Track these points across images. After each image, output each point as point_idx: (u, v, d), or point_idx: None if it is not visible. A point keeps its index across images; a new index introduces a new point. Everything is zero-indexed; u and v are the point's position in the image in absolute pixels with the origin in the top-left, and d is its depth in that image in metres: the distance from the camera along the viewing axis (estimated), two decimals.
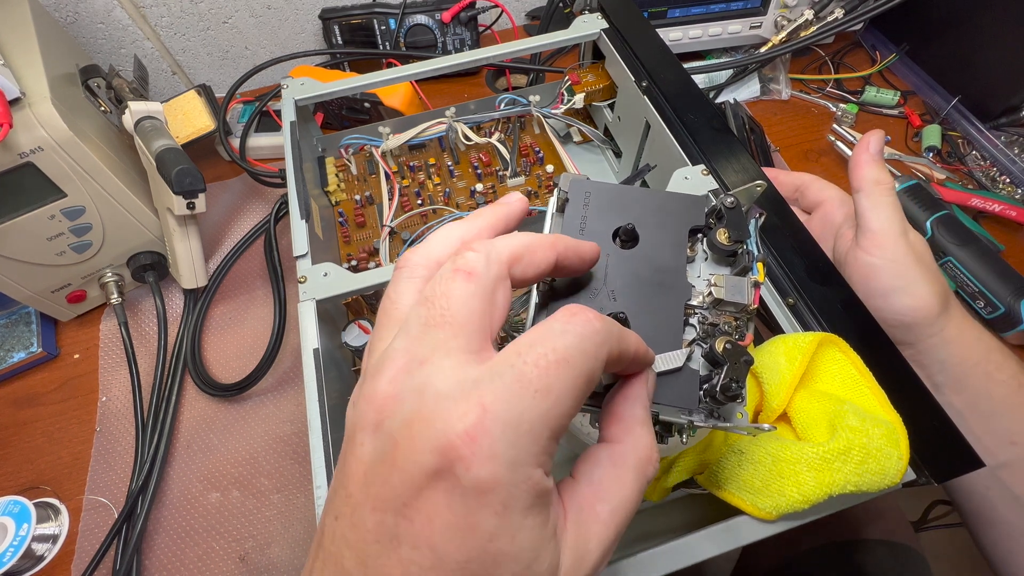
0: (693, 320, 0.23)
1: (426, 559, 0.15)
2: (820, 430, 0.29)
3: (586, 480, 0.18)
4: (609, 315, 0.22)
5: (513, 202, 0.22)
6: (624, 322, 0.22)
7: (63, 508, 0.44)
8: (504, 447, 0.15)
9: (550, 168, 0.53)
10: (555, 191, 0.25)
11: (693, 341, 0.23)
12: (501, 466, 0.15)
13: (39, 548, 0.41)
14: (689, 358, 0.22)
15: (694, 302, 0.24)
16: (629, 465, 0.18)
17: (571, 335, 0.17)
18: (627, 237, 0.24)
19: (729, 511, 0.28)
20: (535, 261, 0.19)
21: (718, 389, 0.21)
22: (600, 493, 0.18)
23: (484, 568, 0.15)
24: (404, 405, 0.16)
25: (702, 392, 0.22)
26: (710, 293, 0.23)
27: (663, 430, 0.23)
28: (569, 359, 0.16)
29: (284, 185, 0.57)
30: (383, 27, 0.66)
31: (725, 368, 0.21)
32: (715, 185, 0.38)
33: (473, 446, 0.15)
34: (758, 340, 0.34)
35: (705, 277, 0.25)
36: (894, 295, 0.35)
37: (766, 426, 0.23)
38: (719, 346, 0.22)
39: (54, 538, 0.42)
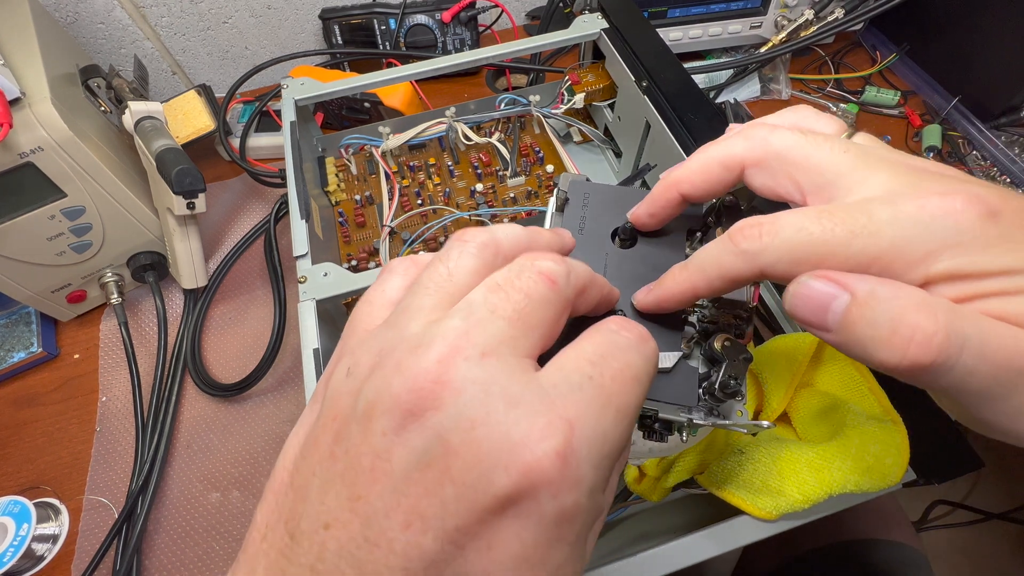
0: (692, 319, 0.23)
1: None
2: (820, 430, 0.29)
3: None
4: (608, 313, 0.22)
5: (567, 237, 0.21)
6: None
7: (63, 508, 0.44)
8: (589, 470, 0.13)
9: (550, 168, 0.53)
10: (555, 191, 0.26)
11: (692, 339, 0.23)
12: (585, 493, 0.13)
13: (39, 548, 0.41)
14: (688, 356, 0.22)
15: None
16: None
17: (637, 352, 0.16)
18: (626, 236, 0.24)
19: (729, 511, 0.28)
20: (593, 297, 0.18)
21: (717, 386, 0.21)
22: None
23: None
24: (462, 399, 0.13)
25: (701, 390, 0.22)
26: None
27: (663, 428, 0.23)
28: (640, 378, 0.15)
29: (284, 185, 0.56)
30: (383, 27, 0.66)
31: (724, 365, 0.21)
32: None
33: (564, 469, 0.12)
34: (758, 340, 0.34)
35: None
36: None
37: (765, 423, 0.23)
38: (717, 343, 0.22)
39: (54, 538, 0.42)
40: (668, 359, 0.22)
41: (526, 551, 0.12)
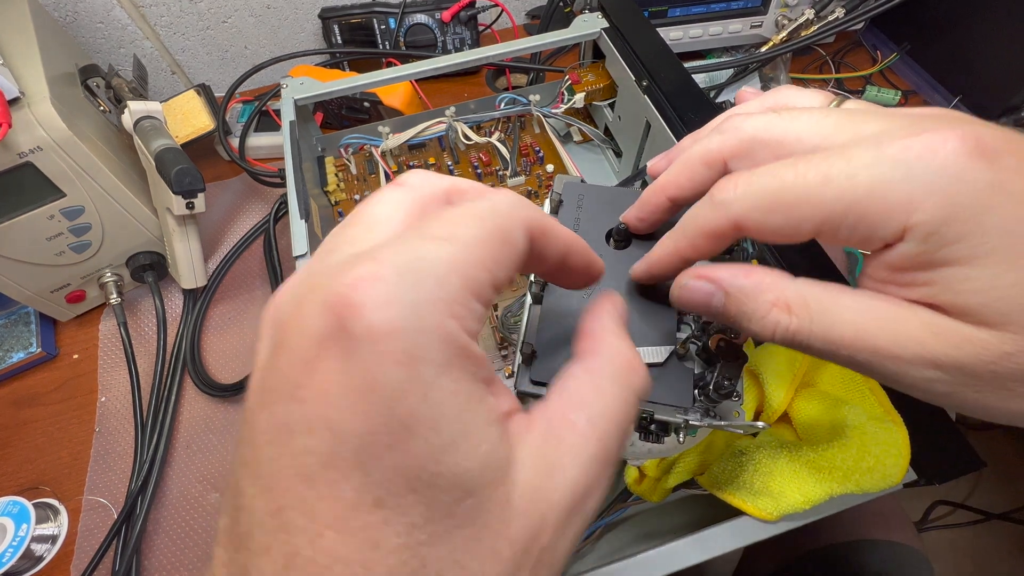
0: (688, 318, 0.23)
1: (323, 443, 0.12)
2: (821, 431, 0.29)
3: (556, 394, 0.16)
4: None
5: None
6: None
7: (62, 508, 0.44)
8: (401, 290, 0.12)
9: (550, 168, 0.53)
10: (549, 193, 0.26)
11: (688, 339, 0.23)
12: (398, 308, 0.12)
13: (38, 548, 0.41)
14: (683, 357, 0.22)
15: None
16: (606, 373, 0.16)
17: (479, 200, 0.15)
18: (620, 238, 0.24)
19: (730, 512, 0.28)
20: (553, 245, 0.17)
21: (711, 387, 0.21)
22: (574, 402, 0.15)
23: (391, 438, 0.12)
24: (294, 288, 0.14)
25: (696, 390, 0.22)
26: None
27: (659, 430, 0.23)
28: (477, 213, 0.14)
29: (284, 185, 0.56)
30: (383, 26, 0.66)
31: (719, 366, 0.21)
32: None
33: (365, 291, 0.12)
34: (758, 340, 0.33)
35: None
36: None
37: (761, 424, 0.22)
38: (712, 344, 0.22)
39: (53, 538, 0.42)
40: (660, 353, 0.22)
41: (351, 379, 0.12)
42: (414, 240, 0.13)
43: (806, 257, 0.34)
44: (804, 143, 0.18)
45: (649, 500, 0.33)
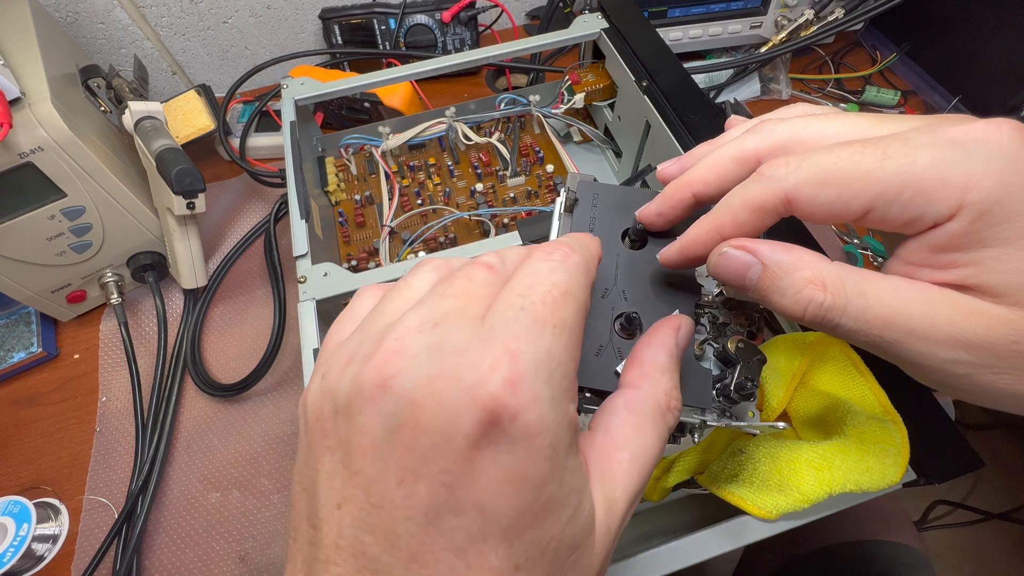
0: (704, 319, 0.23)
1: (474, 523, 0.14)
2: (820, 429, 0.29)
3: (602, 430, 0.18)
4: (621, 315, 0.22)
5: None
6: (636, 321, 0.22)
7: (63, 508, 0.44)
8: (543, 387, 0.14)
9: (550, 168, 0.53)
10: (563, 191, 0.25)
11: (704, 340, 0.23)
12: (545, 407, 0.14)
13: (39, 548, 0.41)
14: (700, 357, 0.22)
15: (704, 301, 0.24)
16: (646, 413, 0.18)
17: (562, 270, 0.17)
18: (636, 237, 0.24)
19: (730, 511, 0.28)
20: (594, 267, 0.19)
21: (732, 388, 0.21)
22: (618, 441, 0.17)
23: (536, 519, 0.14)
24: (418, 362, 0.14)
25: (715, 391, 0.22)
26: (720, 292, 0.23)
27: (676, 430, 0.23)
28: (570, 291, 0.16)
29: (284, 185, 0.56)
30: (383, 27, 0.66)
31: (739, 367, 0.21)
32: None
33: (517, 393, 0.14)
34: (758, 340, 0.33)
35: None
36: None
37: (781, 424, 0.23)
38: (731, 345, 0.22)
39: (54, 538, 0.42)
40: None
41: (505, 472, 0.14)
42: (538, 330, 0.15)
43: None
44: (843, 139, 0.18)
45: (649, 499, 0.33)
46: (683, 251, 0.21)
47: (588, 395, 0.21)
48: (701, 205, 0.22)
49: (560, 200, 0.25)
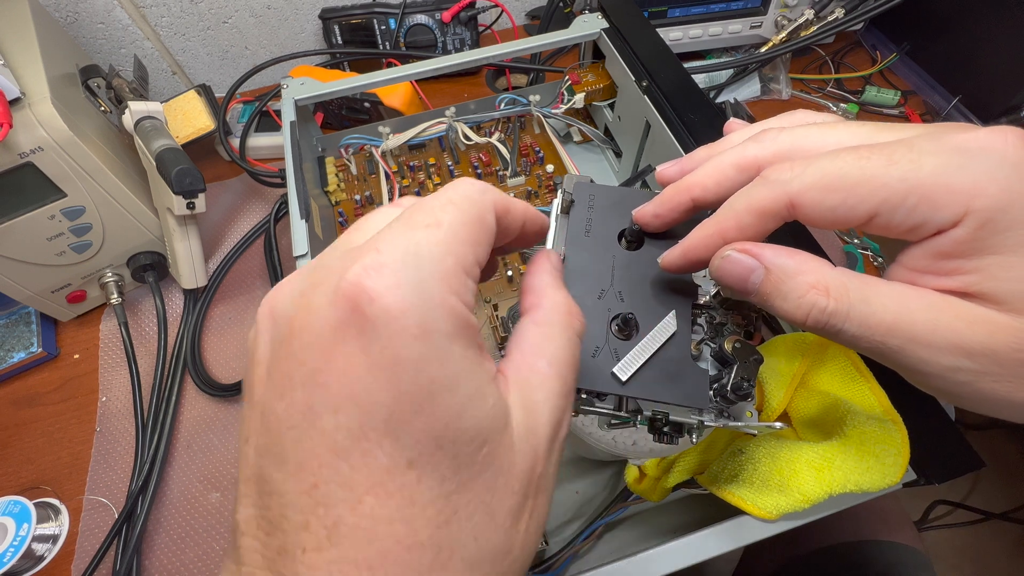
0: (701, 320, 0.23)
1: (352, 418, 0.13)
2: (821, 430, 0.29)
3: (516, 348, 0.18)
4: (617, 315, 0.22)
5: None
6: (633, 322, 0.22)
7: (63, 508, 0.44)
8: (407, 273, 0.14)
9: (550, 168, 0.53)
10: (559, 192, 0.25)
11: (701, 340, 0.23)
12: (408, 289, 0.13)
13: (39, 548, 0.41)
14: (697, 358, 0.22)
15: (701, 301, 0.24)
16: (552, 321, 0.18)
17: (452, 191, 0.17)
18: (632, 238, 0.24)
19: (730, 511, 0.28)
20: (514, 218, 0.19)
21: (729, 388, 0.21)
22: (533, 351, 0.17)
23: (418, 405, 0.13)
24: (294, 286, 0.15)
25: (712, 391, 0.22)
26: (717, 292, 0.23)
27: (673, 431, 0.23)
28: (454, 200, 0.16)
29: (284, 185, 0.56)
30: (383, 27, 0.66)
31: (735, 367, 0.21)
32: None
33: (376, 278, 0.13)
34: (756, 340, 0.34)
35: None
36: None
37: (778, 424, 0.22)
38: (728, 345, 0.22)
39: (54, 538, 0.42)
40: (668, 326, 0.22)
41: (373, 358, 0.13)
42: (406, 230, 0.15)
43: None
44: (845, 146, 0.18)
45: (649, 499, 0.33)
46: (686, 255, 0.21)
47: (585, 396, 0.21)
48: (699, 210, 0.22)
49: (556, 202, 0.25)
